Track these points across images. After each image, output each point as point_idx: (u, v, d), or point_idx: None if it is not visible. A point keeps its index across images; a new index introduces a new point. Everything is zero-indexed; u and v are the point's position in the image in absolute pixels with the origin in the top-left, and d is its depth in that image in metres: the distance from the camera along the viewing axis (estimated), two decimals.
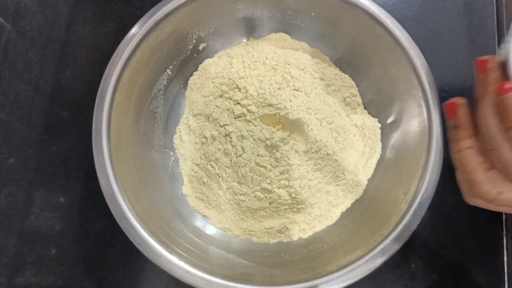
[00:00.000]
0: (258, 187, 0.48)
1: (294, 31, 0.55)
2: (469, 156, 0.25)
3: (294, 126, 0.48)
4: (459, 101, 0.26)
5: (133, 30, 0.48)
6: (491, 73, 0.23)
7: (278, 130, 0.49)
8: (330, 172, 0.49)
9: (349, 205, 0.51)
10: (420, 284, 0.47)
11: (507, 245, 0.49)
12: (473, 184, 0.25)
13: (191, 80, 0.55)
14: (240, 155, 0.48)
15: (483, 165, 0.24)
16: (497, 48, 0.54)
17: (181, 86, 0.55)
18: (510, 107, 0.21)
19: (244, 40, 0.56)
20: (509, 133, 0.21)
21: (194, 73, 0.55)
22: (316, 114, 0.48)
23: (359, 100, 0.53)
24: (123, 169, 0.46)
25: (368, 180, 0.51)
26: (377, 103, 0.52)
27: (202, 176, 0.50)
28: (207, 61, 0.55)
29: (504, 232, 0.49)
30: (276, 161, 0.48)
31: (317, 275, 0.43)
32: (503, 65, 0.22)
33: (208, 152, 0.50)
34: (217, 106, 0.50)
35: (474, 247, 0.49)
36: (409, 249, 0.47)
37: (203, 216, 0.51)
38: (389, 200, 0.46)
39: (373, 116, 0.53)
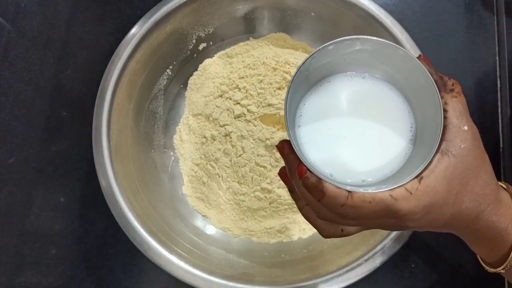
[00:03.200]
0: (258, 187, 0.48)
1: (294, 31, 0.55)
2: (308, 212, 0.31)
3: None
4: (285, 170, 0.31)
5: (133, 30, 0.48)
6: (289, 157, 0.28)
7: (278, 130, 0.49)
8: None
9: None
10: (420, 284, 0.47)
11: None
12: (319, 231, 0.31)
13: (191, 80, 0.55)
14: (240, 155, 0.48)
15: None
16: (496, 48, 0.54)
17: (181, 86, 0.55)
18: (311, 186, 0.26)
19: (244, 40, 0.56)
20: (321, 202, 0.26)
21: (194, 73, 0.55)
22: None
23: None
24: (123, 169, 0.46)
25: None
26: None
27: (202, 176, 0.50)
28: (207, 61, 0.55)
29: None
30: (276, 161, 0.48)
31: (317, 275, 0.43)
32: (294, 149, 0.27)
33: (208, 152, 0.50)
34: (217, 106, 0.50)
35: None
36: (409, 249, 0.47)
37: (203, 216, 0.51)
38: None
39: None
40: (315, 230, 0.50)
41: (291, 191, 0.32)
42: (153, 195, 0.49)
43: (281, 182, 0.47)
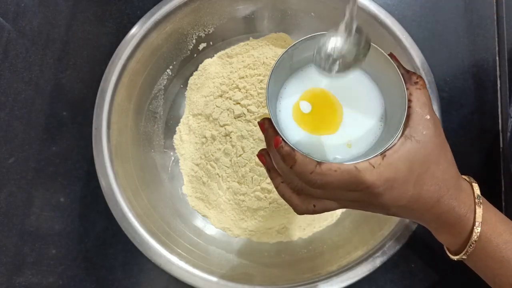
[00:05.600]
0: (258, 187, 0.48)
1: (294, 31, 0.55)
2: (283, 189, 0.33)
3: None
4: (263, 151, 0.35)
5: (133, 30, 0.48)
6: (268, 131, 0.31)
7: None
8: None
9: None
10: (420, 284, 0.47)
11: None
12: (293, 207, 0.33)
13: (191, 80, 0.55)
14: (240, 155, 0.48)
15: (294, 192, 0.33)
16: (496, 48, 0.54)
17: (181, 86, 0.55)
18: (285, 154, 0.29)
19: (244, 40, 0.56)
20: (293, 169, 0.29)
21: (194, 73, 0.55)
22: None
23: None
24: (123, 169, 0.46)
25: None
26: None
27: (202, 176, 0.50)
28: (207, 61, 0.55)
29: None
30: None
31: (317, 275, 0.43)
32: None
33: (208, 152, 0.50)
34: (217, 106, 0.50)
35: None
36: (409, 249, 0.47)
37: (203, 216, 0.51)
38: None
39: None
40: (315, 230, 0.50)
41: (269, 171, 0.34)
42: (153, 195, 0.49)
43: None
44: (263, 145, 0.48)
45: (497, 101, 0.52)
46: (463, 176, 0.34)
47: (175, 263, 0.43)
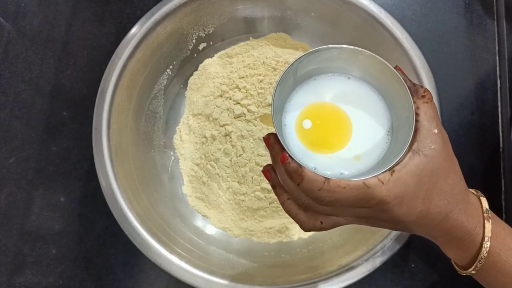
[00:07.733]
0: (258, 187, 0.48)
1: (294, 31, 0.55)
2: (289, 205, 0.32)
3: None
4: (268, 167, 0.34)
5: (133, 30, 0.48)
6: (274, 146, 0.31)
7: None
8: None
9: None
10: (420, 284, 0.47)
11: None
12: (300, 224, 0.32)
13: (191, 80, 0.55)
14: (240, 155, 0.48)
15: (301, 209, 0.33)
16: (496, 48, 0.54)
17: (181, 86, 0.55)
18: (292, 171, 0.28)
19: (244, 40, 0.56)
20: (300, 186, 0.29)
21: (194, 73, 0.55)
22: None
23: None
24: (123, 169, 0.46)
25: None
26: None
27: (202, 176, 0.50)
28: (207, 61, 0.55)
29: None
30: None
31: (317, 275, 0.43)
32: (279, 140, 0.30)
33: (208, 152, 0.50)
34: (217, 106, 0.50)
35: None
36: (409, 249, 0.48)
37: (203, 216, 0.51)
38: None
39: None
40: None
41: (274, 187, 0.34)
42: (153, 195, 0.49)
43: None
44: (263, 145, 0.48)
45: (497, 101, 0.52)
46: (471, 190, 0.33)
47: (175, 263, 0.43)
